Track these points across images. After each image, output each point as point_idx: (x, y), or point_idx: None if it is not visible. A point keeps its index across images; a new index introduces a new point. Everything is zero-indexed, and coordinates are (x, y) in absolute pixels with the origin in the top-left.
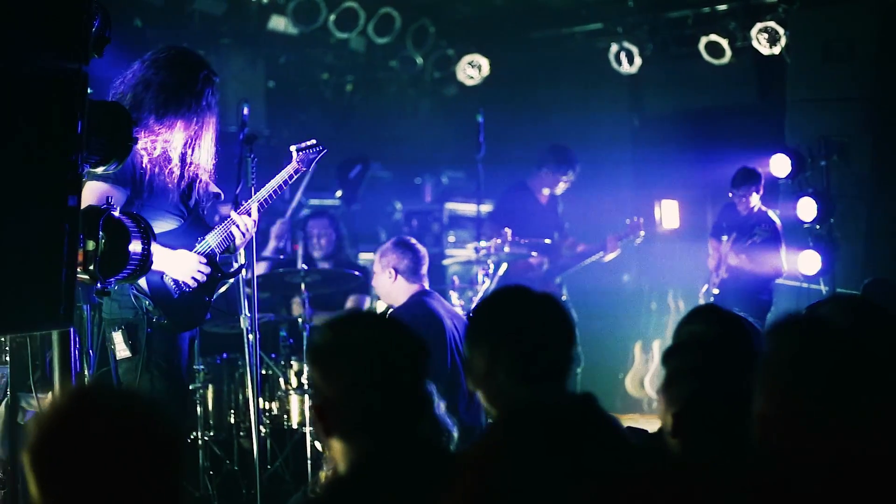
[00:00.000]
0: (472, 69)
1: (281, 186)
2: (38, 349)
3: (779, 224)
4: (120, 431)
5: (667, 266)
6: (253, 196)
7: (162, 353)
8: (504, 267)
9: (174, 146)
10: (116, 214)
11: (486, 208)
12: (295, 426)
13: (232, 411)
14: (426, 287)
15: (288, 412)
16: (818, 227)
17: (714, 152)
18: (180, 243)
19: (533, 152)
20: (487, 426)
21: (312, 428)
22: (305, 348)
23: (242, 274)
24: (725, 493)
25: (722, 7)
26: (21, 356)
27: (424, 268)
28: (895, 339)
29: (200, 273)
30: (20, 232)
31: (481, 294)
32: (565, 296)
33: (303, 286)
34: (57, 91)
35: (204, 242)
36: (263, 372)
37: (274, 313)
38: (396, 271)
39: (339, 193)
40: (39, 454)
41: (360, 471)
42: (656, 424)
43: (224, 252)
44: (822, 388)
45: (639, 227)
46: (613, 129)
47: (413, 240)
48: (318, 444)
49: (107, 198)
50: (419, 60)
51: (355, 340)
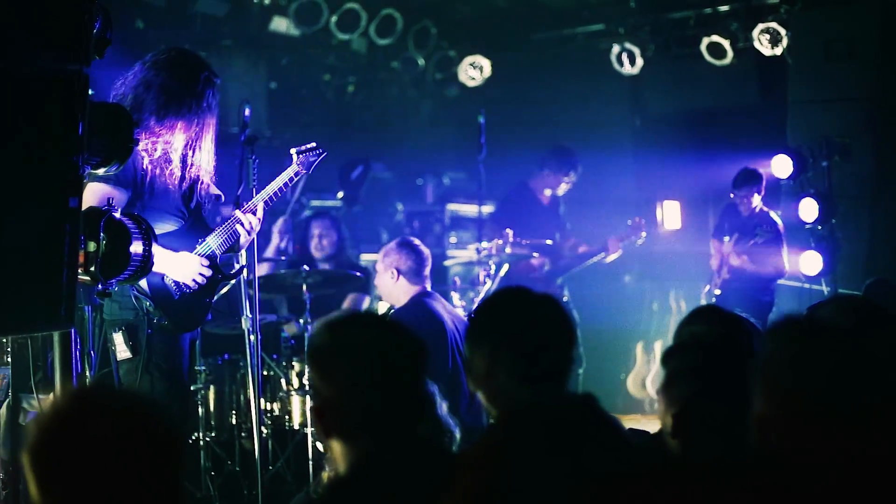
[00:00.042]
0: (474, 70)
1: (281, 189)
2: (40, 350)
3: (780, 225)
4: (120, 432)
5: (668, 267)
6: (255, 196)
7: (162, 354)
8: (505, 268)
9: (175, 147)
10: (117, 216)
11: (488, 209)
12: (296, 427)
13: (233, 412)
14: (428, 288)
15: (289, 413)
16: (820, 228)
17: (716, 153)
18: (181, 245)
19: (534, 153)
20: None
21: (314, 429)
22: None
23: (244, 275)
24: (725, 494)
25: (723, 8)
26: (22, 357)
27: (427, 269)
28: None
29: (201, 275)
30: (21, 233)
31: (483, 295)
32: (567, 297)
33: (304, 287)
34: (57, 92)
35: (204, 244)
36: (265, 373)
37: (276, 314)
38: (399, 272)
39: (341, 194)
40: (39, 454)
41: (360, 471)
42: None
43: (228, 251)
44: (822, 389)
45: (640, 228)
46: (615, 130)
47: (417, 241)
48: (320, 445)
49: (108, 199)
50: (421, 61)
51: (354, 341)
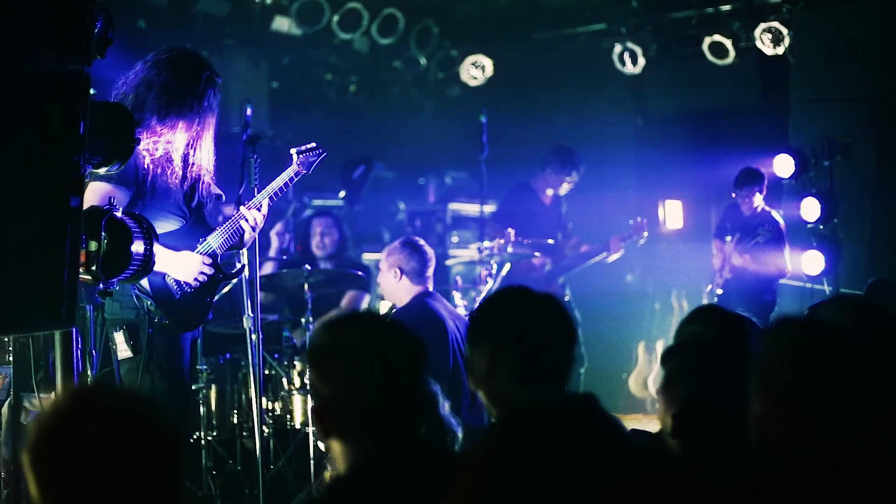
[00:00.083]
0: (476, 70)
1: (282, 189)
2: (42, 349)
3: (782, 224)
4: (120, 431)
5: (670, 266)
6: (257, 195)
7: (163, 354)
8: (507, 267)
9: (176, 147)
10: (119, 215)
11: (490, 209)
12: (298, 426)
13: (235, 411)
14: (430, 289)
15: (291, 412)
16: (822, 228)
17: (717, 152)
18: (182, 244)
19: (536, 153)
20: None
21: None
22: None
23: (245, 274)
24: (725, 494)
25: (725, 7)
26: (24, 356)
27: (430, 270)
28: None
29: (202, 274)
30: (22, 232)
31: (484, 294)
32: (568, 296)
33: (306, 286)
34: (58, 92)
35: (206, 243)
36: (266, 372)
37: (277, 314)
38: (402, 272)
39: (343, 194)
40: (39, 454)
41: (360, 471)
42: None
43: (232, 248)
44: (822, 389)
45: (642, 228)
46: (617, 130)
47: (421, 241)
48: (322, 445)
49: (109, 198)
50: (423, 61)
51: (354, 340)
